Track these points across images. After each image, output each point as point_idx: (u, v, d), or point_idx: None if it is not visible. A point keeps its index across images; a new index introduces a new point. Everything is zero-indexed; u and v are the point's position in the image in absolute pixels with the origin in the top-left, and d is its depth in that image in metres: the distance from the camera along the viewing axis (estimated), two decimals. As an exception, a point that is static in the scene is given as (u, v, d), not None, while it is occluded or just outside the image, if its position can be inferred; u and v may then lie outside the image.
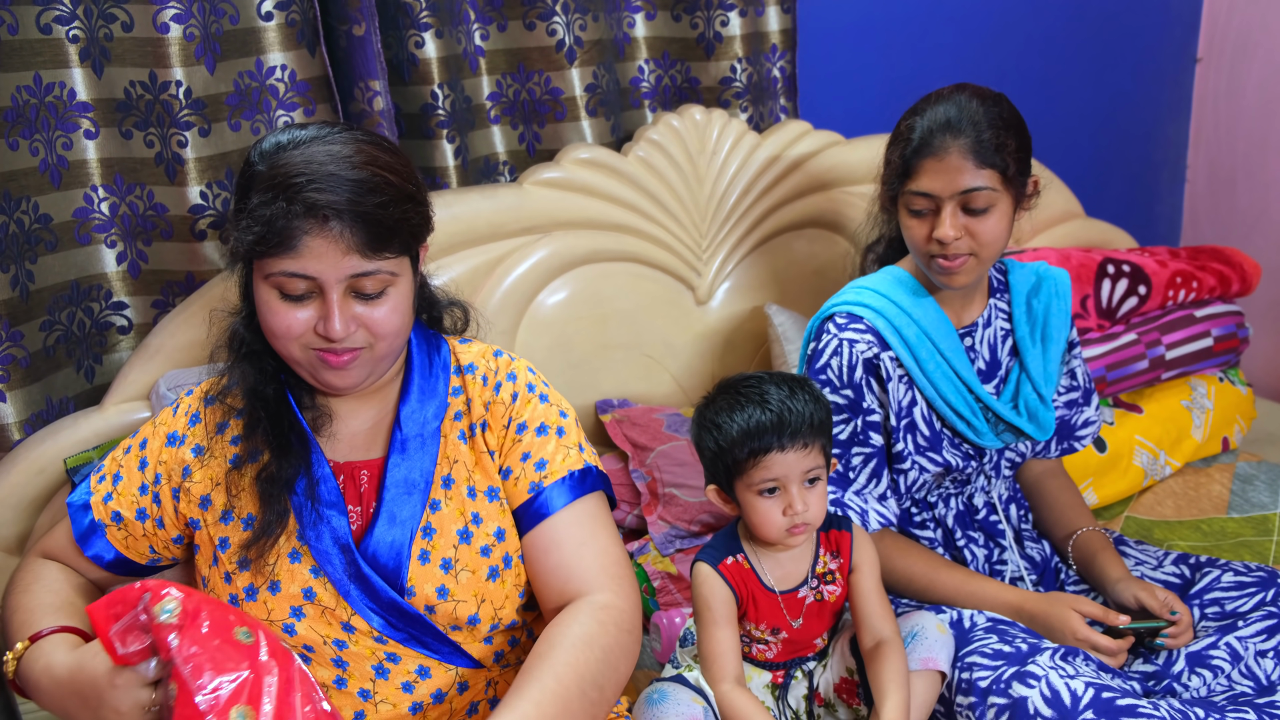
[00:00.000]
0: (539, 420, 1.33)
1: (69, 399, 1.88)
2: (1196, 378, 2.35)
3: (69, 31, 1.77)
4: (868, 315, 1.65)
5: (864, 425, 1.63)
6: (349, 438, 1.32)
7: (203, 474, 1.31)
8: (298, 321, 1.19)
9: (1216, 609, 1.59)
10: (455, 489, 1.31)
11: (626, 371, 2.27)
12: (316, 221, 1.15)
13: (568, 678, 1.17)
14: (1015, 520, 1.78)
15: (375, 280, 1.20)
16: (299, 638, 1.26)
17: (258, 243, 1.15)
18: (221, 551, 1.29)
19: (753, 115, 2.37)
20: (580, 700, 1.17)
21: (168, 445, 1.34)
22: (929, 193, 1.56)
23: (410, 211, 1.22)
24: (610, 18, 2.27)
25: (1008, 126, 1.56)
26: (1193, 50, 3.05)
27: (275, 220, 1.14)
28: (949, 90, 1.60)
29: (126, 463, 1.36)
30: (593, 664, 1.20)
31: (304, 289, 1.18)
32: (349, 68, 1.98)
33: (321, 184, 1.14)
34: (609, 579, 1.29)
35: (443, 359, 1.36)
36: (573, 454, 1.34)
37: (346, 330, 1.19)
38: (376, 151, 1.21)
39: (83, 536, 1.36)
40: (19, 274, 1.76)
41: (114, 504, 1.35)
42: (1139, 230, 2.91)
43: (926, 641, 1.44)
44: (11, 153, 1.73)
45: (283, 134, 1.22)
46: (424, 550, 1.28)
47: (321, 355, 1.21)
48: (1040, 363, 1.70)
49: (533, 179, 2.13)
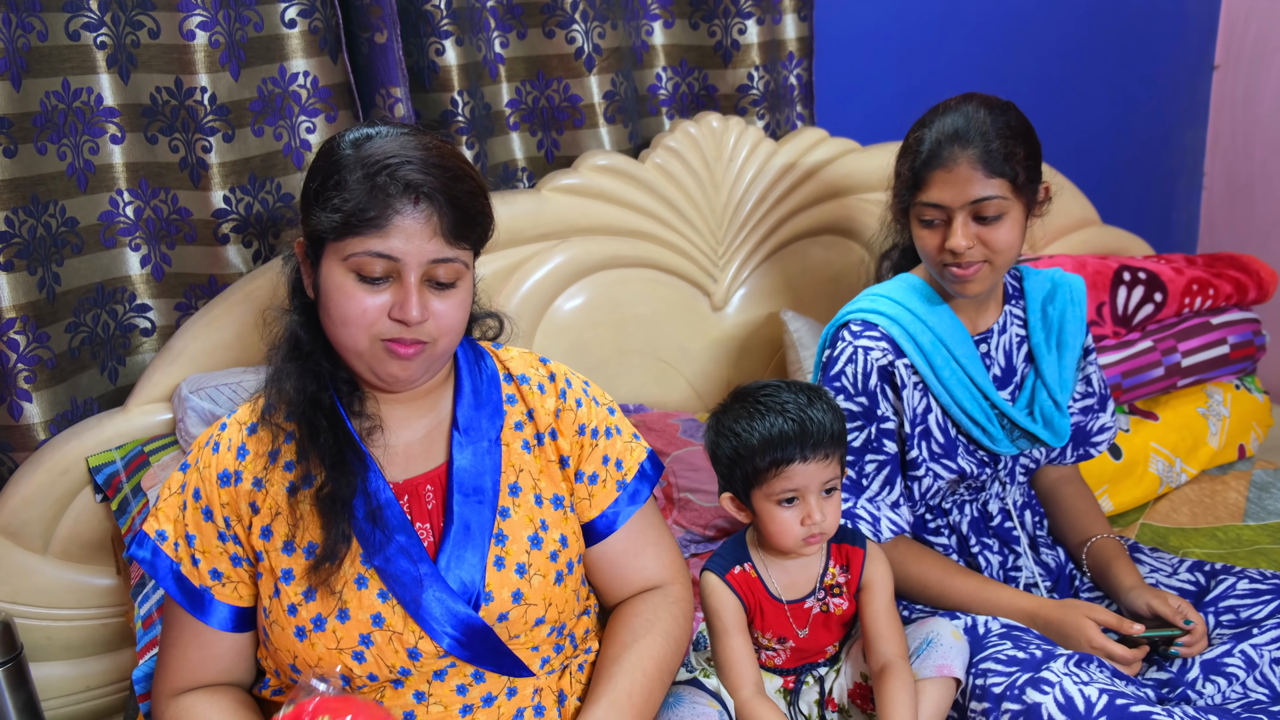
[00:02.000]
0: (604, 424, 1.40)
1: (93, 400, 1.91)
2: (1213, 385, 2.35)
3: (97, 38, 1.80)
4: (882, 323, 1.65)
5: (878, 433, 1.63)
6: (404, 450, 1.31)
7: (265, 505, 1.28)
8: (373, 306, 1.19)
9: (1231, 617, 1.59)
10: (523, 496, 1.32)
11: (642, 377, 2.28)
12: (409, 201, 1.17)
13: (651, 669, 1.33)
14: (1030, 527, 1.78)
15: (450, 269, 1.21)
16: (366, 666, 1.24)
17: (347, 220, 1.17)
18: (286, 583, 1.26)
19: (769, 122, 2.38)
20: (659, 689, 1.35)
21: (223, 487, 1.28)
22: (939, 204, 1.56)
23: (486, 206, 1.26)
24: (629, 26, 2.28)
25: (1016, 135, 1.57)
26: (1210, 57, 3.04)
27: (367, 195, 1.16)
28: (956, 100, 1.61)
29: (190, 519, 1.29)
30: (669, 655, 1.36)
31: (382, 271, 1.18)
32: (370, 74, 2.00)
33: (417, 165, 1.18)
34: (677, 571, 1.45)
35: (489, 366, 1.37)
36: (634, 445, 1.43)
37: (422, 315, 1.19)
38: (456, 150, 1.26)
39: (198, 608, 1.29)
40: (46, 276, 1.79)
41: (207, 563, 1.28)
42: (1155, 237, 2.90)
43: (941, 648, 1.44)
44: (40, 157, 1.76)
45: (366, 128, 1.25)
46: (499, 556, 1.28)
47: (390, 345, 1.21)
48: (1056, 369, 1.70)
49: (551, 185, 2.14)
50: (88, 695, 1.90)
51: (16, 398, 1.78)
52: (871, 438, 1.63)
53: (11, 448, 1.82)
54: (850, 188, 2.37)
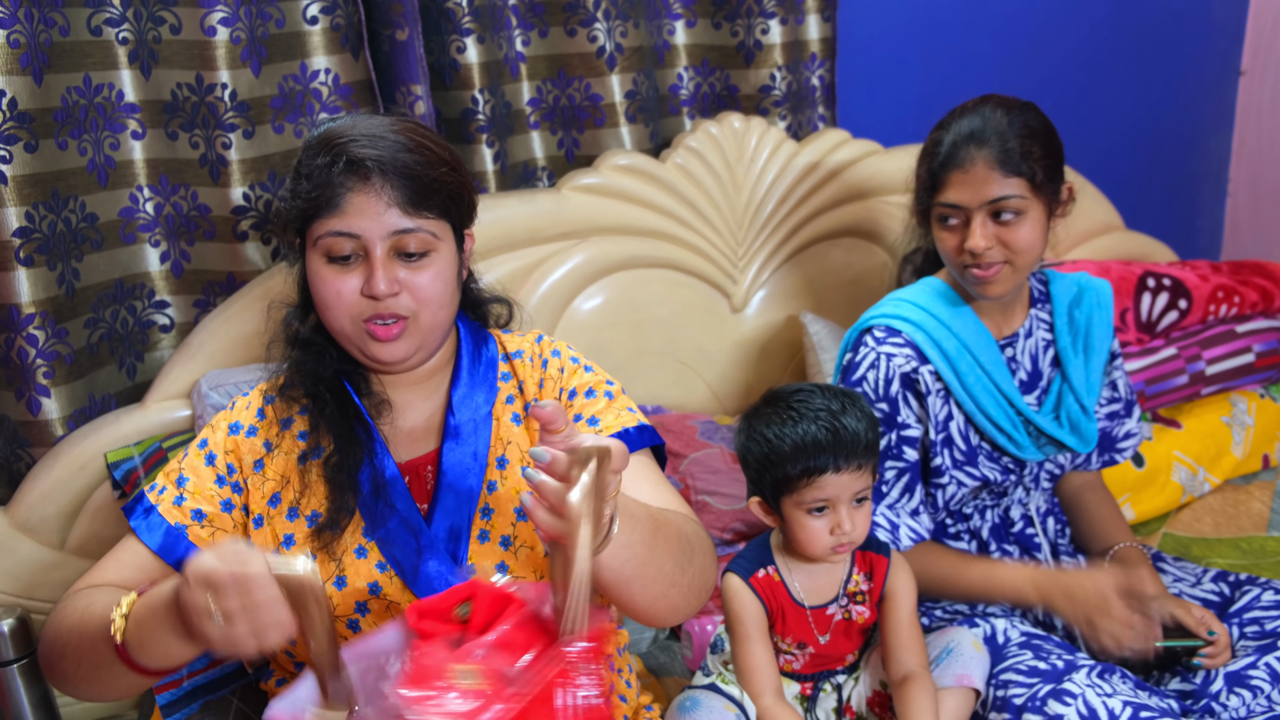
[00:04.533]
0: (587, 385, 1.37)
1: (111, 396, 1.91)
2: (1237, 394, 2.32)
3: (118, 34, 1.80)
4: (906, 329, 1.64)
5: (898, 439, 1.62)
6: (409, 432, 1.34)
7: (273, 470, 1.31)
8: (346, 288, 1.23)
9: (1256, 628, 1.57)
10: (510, 469, 1.32)
11: (661, 378, 2.27)
12: (358, 177, 1.20)
13: (667, 517, 1.19)
14: (1052, 534, 1.76)
15: (417, 239, 1.23)
16: (361, 634, 1.25)
17: (308, 205, 1.21)
18: (286, 548, 1.29)
19: (791, 123, 2.37)
20: (678, 539, 1.18)
21: (231, 434, 1.33)
22: (957, 204, 1.56)
23: (447, 175, 1.26)
24: (651, 25, 2.27)
25: (1033, 134, 1.56)
26: (1236, 63, 3.01)
27: (321, 177, 1.20)
28: (974, 103, 1.61)
29: (189, 465, 1.32)
30: (689, 529, 1.23)
31: (350, 249, 1.22)
32: (392, 72, 2.00)
33: (363, 141, 1.21)
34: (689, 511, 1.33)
35: (490, 350, 1.39)
36: (625, 414, 1.36)
37: (390, 288, 1.21)
38: (416, 124, 1.28)
39: (165, 548, 1.28)
40: (65, 272, 1.79)
41: (191, 503, 1.30)
42: (1179, 243, 2.87)
43: (962, 658, 1.43)
44: (60, 152, 1.76)
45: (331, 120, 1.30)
46: (483, 530, 1.29)
47: (370, 327, 1.24)
48: (1083, 373, 1.69)
49: (571, 185, 2.13)
50: (102, 691, 1.90)
51: (35, 393, 1.78)
52: (892, 444, 1.62)
53: (29, 443, 1.82)
54: (872, 190, 2.35)
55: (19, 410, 1.80)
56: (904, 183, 2.32)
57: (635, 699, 1.43)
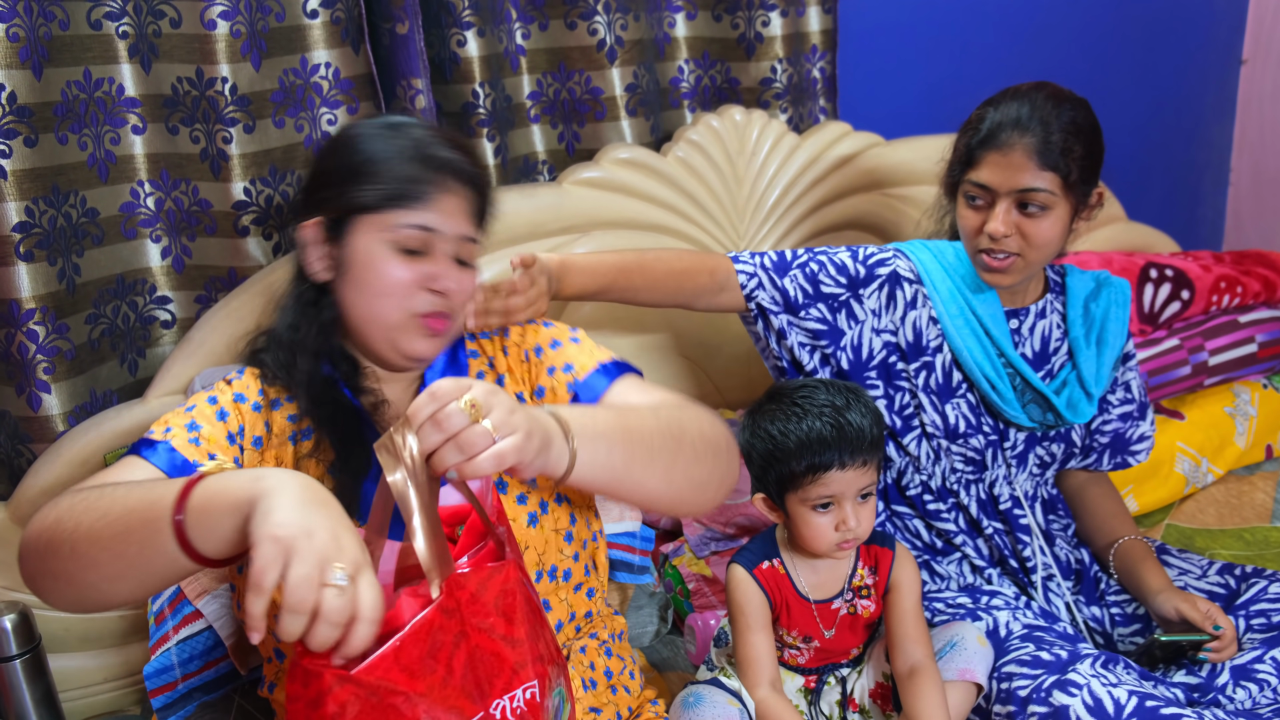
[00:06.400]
0: (549, 338, 1.40)
1: (112, 392, 1.90)
2: (1240, 384, 2.32)
3: (118, 28, 1.79)
4: (915, 258, 1.69)
5: (829, 260, 1.69)
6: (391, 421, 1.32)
7: (269, 454, 1.30)
8: (408, 277, 1.25)
9: (1262, 620, 1.56)
10: None
11: (663, 373, 2.27)
12: (453, 179, 1.27)
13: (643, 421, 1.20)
14: (1044, 521, 1.75)
15: (472, 250, 1.30)
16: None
17: (392, 194, 1.24)
18: None
19: (792, 116, 2.36)
20: (664, 435, 1.20)
21: (237, 402, 1.29)
22: (987, 185, 1.56)
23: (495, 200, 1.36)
24: (651, 18, 2.27)
25: (1078, 132, 1.55)
26: (1238, 52, 3.01)
27: (421, 171, 1.25)
28: (1029, 87, 1.60)
29: (201, 414, 1.26)
30: (687, 423, 1.24)
31: (419, 244, 1.26)
32: (392, 66, 1.99)
33: (456, 151, 1.28)
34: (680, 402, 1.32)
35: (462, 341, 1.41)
36: (596, 351, 1.39)
37: (459, 286, 1.27)
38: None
39: (176, 471, 1.20)
40: (66, 267, 1.78)
41: (206, 446, 1.23)
42: (1181, 234, 2.87)
43: (965, 653, 1.43)
44: (61, 147, 1.75)
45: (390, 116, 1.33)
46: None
47: (425, 321, 1.27)
48: (1093, 364, 1.69)
49: (572, 178, 2.13)
50: (106, 687, 1.90)
51: (36, 389, 1.78)
52: (826, 263, 1.68)
53: (30, 439, 1.82)
54: (874, 182, 2.35)
55: (20, 406, 1.80)
56: (907, 175, 2.33)
57: (639, 692, 1.43)
